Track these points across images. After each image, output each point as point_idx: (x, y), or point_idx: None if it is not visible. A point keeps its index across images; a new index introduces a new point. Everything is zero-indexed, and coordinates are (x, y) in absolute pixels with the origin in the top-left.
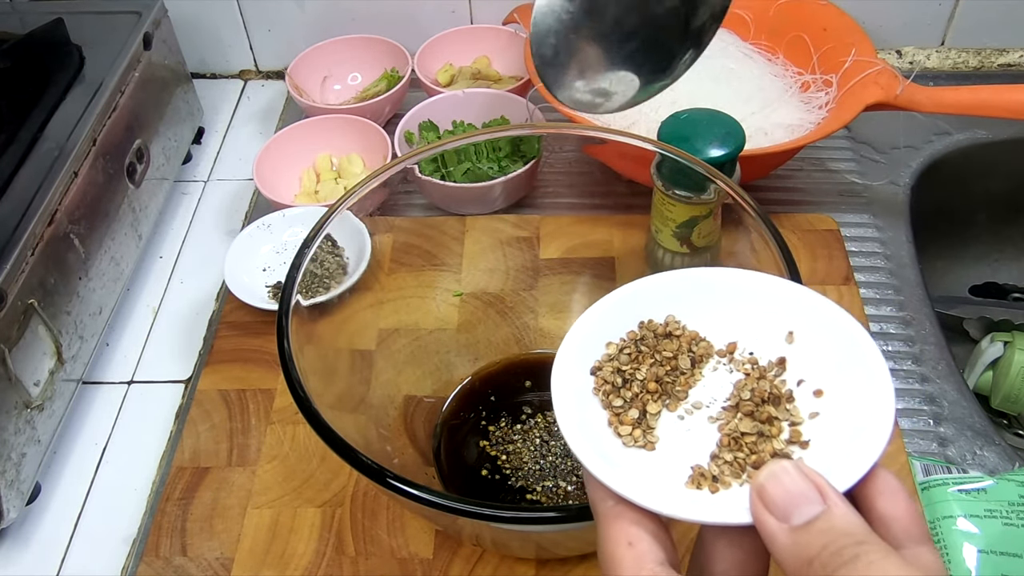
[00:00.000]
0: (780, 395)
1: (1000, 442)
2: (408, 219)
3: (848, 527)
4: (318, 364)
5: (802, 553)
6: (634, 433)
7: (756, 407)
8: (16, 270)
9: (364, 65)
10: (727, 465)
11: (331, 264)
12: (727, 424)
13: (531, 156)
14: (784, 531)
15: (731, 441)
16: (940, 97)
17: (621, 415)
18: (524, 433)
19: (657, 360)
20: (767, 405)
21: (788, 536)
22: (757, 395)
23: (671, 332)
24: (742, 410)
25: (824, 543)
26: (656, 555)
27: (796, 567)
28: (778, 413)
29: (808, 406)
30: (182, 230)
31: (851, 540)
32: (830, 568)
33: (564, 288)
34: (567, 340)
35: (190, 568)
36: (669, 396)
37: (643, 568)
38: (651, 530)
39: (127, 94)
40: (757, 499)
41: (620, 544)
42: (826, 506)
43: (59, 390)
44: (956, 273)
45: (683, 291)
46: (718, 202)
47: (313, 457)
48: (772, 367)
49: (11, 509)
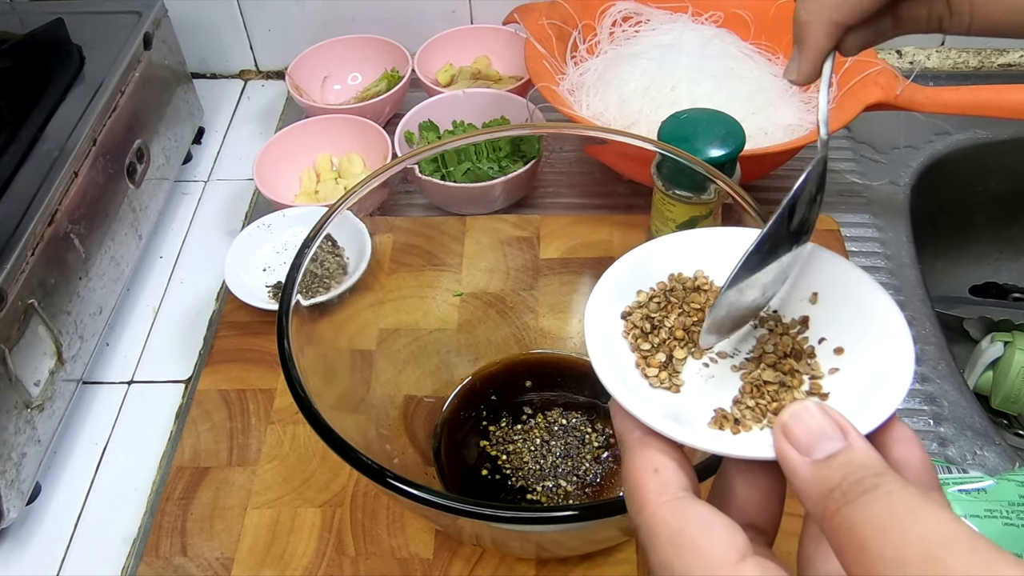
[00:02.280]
0: (802, 350)
1: (1000, 442)
2: (408, 219)
3: (868, 461)
4: (318, 364)
5: (823, 484)
6: (660, 375)
7: (778, 359)
8: (16, 270)
9: (364, 65)
10: (749, 410)
11: (331, 264)
12: (750, 373)
13: (531, 156)
14: (805, 464)
15: (753, 388)
16: (940, 97)
17: (648, 358)
18: (524, 433)
19: (685, 311)
20: (789, 359)
21: (809, 469)
22: (780, 349)
23: (699, 286)
24: (765, 361)
25: (844, 474)
26: (681, 481)
27: (816, 497)
28: (799, 367)
29: (828, 362)
30: (182, 230)
31: (870, 472)
32: (850, 496)
33: (564, 288)
34: (599, 285)
35: (190, 568)
36: (695, 345)
37: (666, 492)
38: (676, 458)
39: (127, 94)
40: (781, 434)
41: (646, 471)
42: (847, 443)
43: (59, 390)
44: (956, 273)
45: (713, 248)
46: (718, 202)
47: (313, 457)
48: (795, 324)
49: (11, 509)
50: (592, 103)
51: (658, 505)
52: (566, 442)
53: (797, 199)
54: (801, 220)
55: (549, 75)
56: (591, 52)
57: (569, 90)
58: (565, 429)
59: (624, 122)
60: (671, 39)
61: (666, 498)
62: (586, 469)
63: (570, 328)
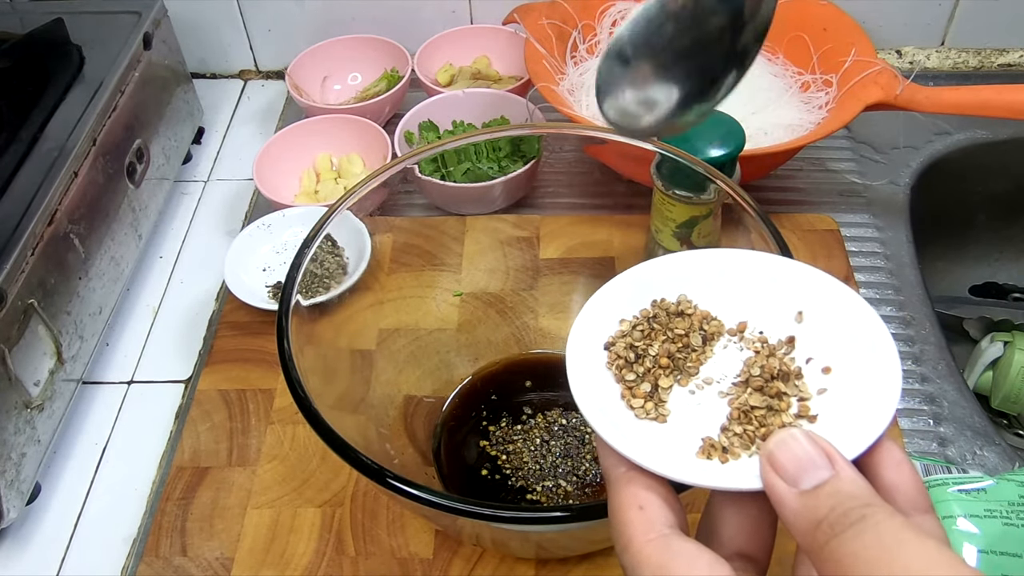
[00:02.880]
0: (789, 372)
1: (1000, 442)
2: (408, 219)
3: (856, 491)
4: (318, 364)
5: (811, 515)
6: (646, 406)
7: (766, 383)
8: (16, 270)
9: (364, 65)
10: (737, 437)
11: (331, 264)
12: (737, 399)
13: (531, 156)
14: (793, 495)
15: (741, 414)
16: (940, 97)
17: (633, 388)
18: (524, 433)
19: (669, 337)
20: (776, 381)
21: (797, 500)
22: (767, 371)
23: (683, 311)
24: (752, 385)
25: (832, 505)
26: (667, 518)
27: (804, 529)
28: (787, 389)
29: (817, 382)
30: (182, 230)
31: (858, 503)
32: (838, 528)
33: (564, 288)
34: (581, 316)
35: (190, 568)
36: (680, 372)
37: (652, 530)
38: (661, 495)
39: (127, 94)
40: (767, 464)
41: (631, 508)
42: (834, 471)
43: (59, 390)
44: (956, 273)
45: (694, 271)
46: (718, 202)
47: (313, 457)
48: (782, 345)
49: (11, 509)
50: (592, 103)
51: (644, 543)
52: (566, 442)
53: None
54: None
55: (549, 75)
56: (591, 52)
57: (569, 90)
58: (565, 429)
59: None
60: None
61: (652, 536)
62: (586, 469)
63: (570, 328)
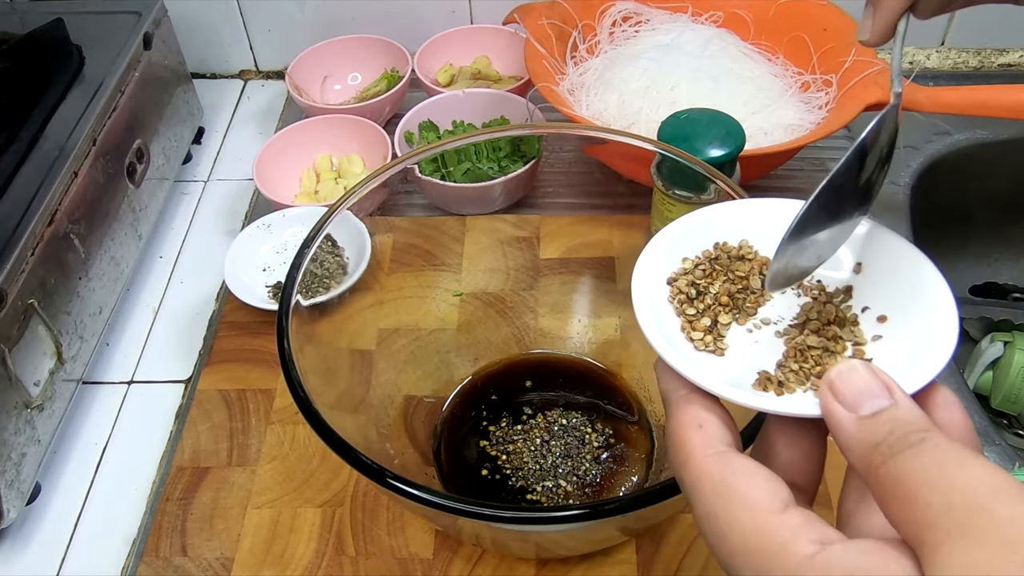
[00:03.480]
0: (845, 318)
1: (1000, 442)
2: (408, 219)
3: (915, 418)
4: (318, 364)
5: (868, 439)
6: (705, 338)
7: (822, 326)
8: (16, 270)
9: (364, 65)
10: (792, 373)
11: (331, 264)
12: (793, 339)
13: (531, 156)
14: (852, 420)
15: (797, 353)
16: (940, 97)
17: (694, 322)
18: (524, 433)
19: (730, 278)
20: (832, 326)
21: (855, 424)
22: (824, 316)
23: (744, 255)
24: (809, 328)
25: (890, 429)
26: (725, 436)
27: (862, 452)
28: (843, 333)
29: (872, 330)
30: (182, 230)
31: (917, 427)
32: (896, 449)
33: (564, 288)
34: (646, 251)
35: (190, 568)
36: (739, 311)
37: (711, 446)
38: (720, 415)
39: (127, 94)
40: (827, 391)
41: (690, 426)
42: (893, 400)
43: (59, 390)
44: (956, 273)
45: (757, 219)
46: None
47: (313, 457)
48: (839, 293)
49: (11, 509)
50: (592, 103)
51: (703, 458)
52: (566, 442)
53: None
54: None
55: (549, 75)
56: (591, 52)
57: (569, 90)
58: (565, 429)
59: (624, 122)
60: (671, 39)
61: (711, 451)
62: (586, 469)
63: (570, 328)
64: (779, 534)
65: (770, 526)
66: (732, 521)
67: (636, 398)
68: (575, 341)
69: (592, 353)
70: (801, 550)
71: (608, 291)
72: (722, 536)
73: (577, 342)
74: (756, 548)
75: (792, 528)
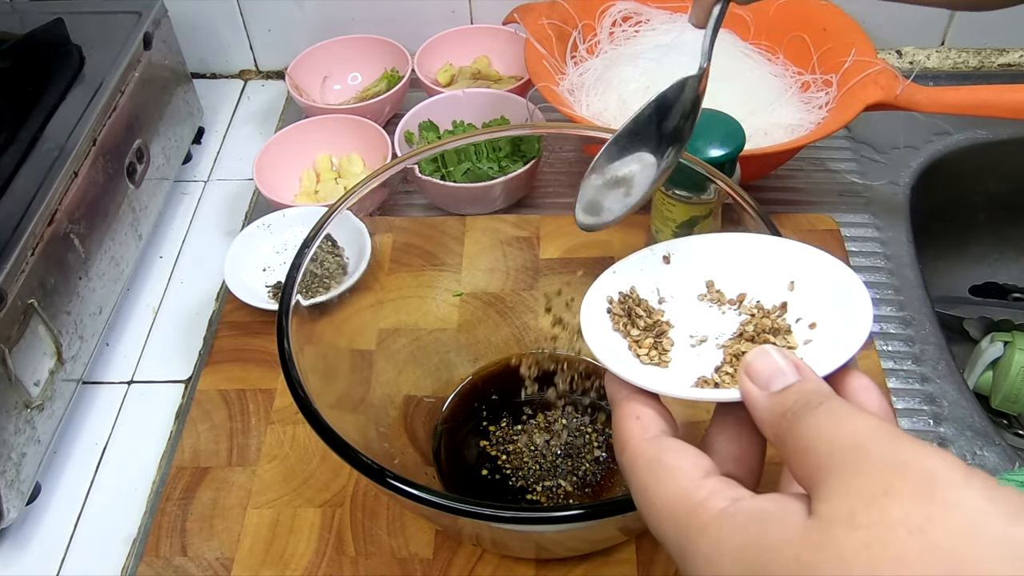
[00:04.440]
0: (779, 328)
1: (1000, 442)
2: (408, 219)
3: (818, 388)
4: (318, 364)
5: (776, 409)
6: (650, 353)
7: (756, 335)
8: (16, 270)
9: (364, 65)
10: (728, 376)
11: (331, 264)
12: (730, 348)
13: (531, 156)
14: (764, 396)
15: (732, 358)
16: (940, 97)
17: (640, 342)
18: (524, 433)
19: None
20: (767, 334)
21: (767, 399)
22: (759, 327)
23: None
24: (744, 338)
25: (795, 399)
26: (660, 426)
27: (772, 421)
28: (776, 340)
29: (804, 336)
30: (182, 230)
31: (818, 396)
32: (800, 415)
33: (564, 288)
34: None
35: (190, 568)
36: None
37: (647, 433)
38: (656, 408)
39: (127, 94)
40: (744, 374)
41: (629, 418)
42: (801, 376)
43: (59, 390)
44: (956, 273)
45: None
46: (718, 202)
47: (313, 457)
48: (775, 309)
49: (11, 509)
50: (592, 103)
51: (639, 442)
52: (566, 442)
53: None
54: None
55: (549, 75)
56: (591, 52)
57: (569, 90)
58: (565, 429)
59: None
60: (671, 39)
61: (647, 436)
62: (586, 469)
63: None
64: (697, 495)
65: (691, 489)
66: (659, 489)
67: None
68: (575, 341)
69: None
70: (715, 504)
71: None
72: (651, 504)
73: (577, 342)
74: (678, 509)
75: (709, 488)
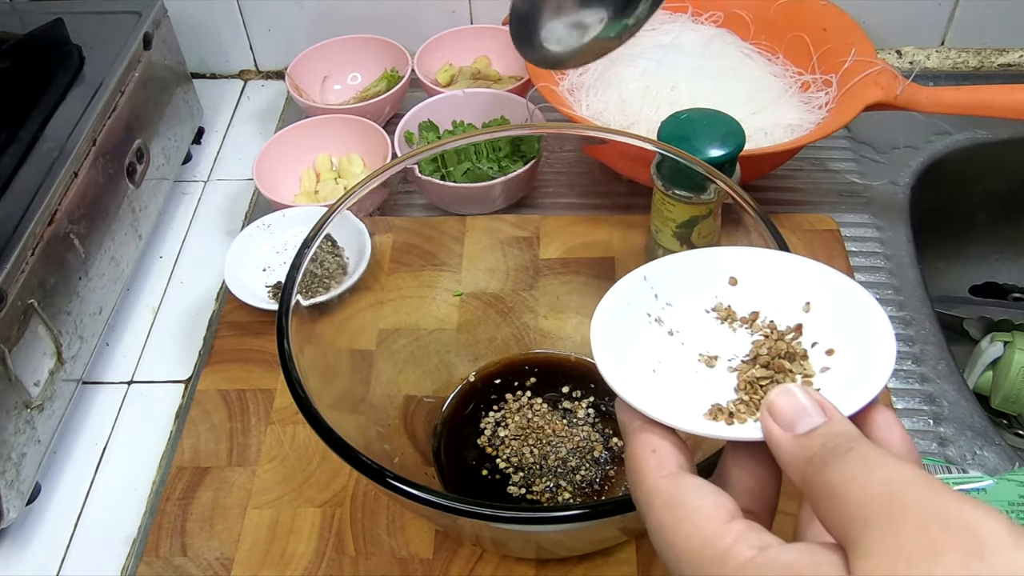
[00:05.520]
0: (795, 352)
1: (1000, 442)
2: (408, 219)
3: (846, 431)
4: (318, 364)
5: (802, 453)
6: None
7: (772, 360)
8: (16, 270)
9: (364, 65)
10: (743, 404)
11: (331, 264)
12: (744, 373)
13: (531, 156)
14: (788, 438)
15: (747, 385)
16: (940, 97)
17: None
18: (525, 433)
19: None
20: (782, 359)
21: (792, 442)
22: (774, 351)
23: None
24: (759, 362)
25: (822, 443)
26: (677, 459)
27: (797, 466)
28: (792, 367)
29: (820, 362)
30: (182, 230)
31: (847, 440)
32: (828, 460)
33: (564, 288)
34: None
35: (190, 568)
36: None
37: (664, 468)
38: (673, 441)
39: (127, 94)
40: (767, 413)
41: (645, 451)
42: (827, 418)
43: (59, 390)
44: (956, 273)
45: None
46: (718, 202)
47: (313, 457)
48: (789, 331)
49: (11, 509)
50: (592, 103)
51: (656, 479)
52: (567, 442)
53: None
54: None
55: (549, 75)
56: None
57: (569, 90)
58: (566, 429)
59: (624, 122)
60: (671, 39)
61: (664, 472)
62: (586, 469)
63: (570, 328)
64: (722, 540)
65: (714, 533)
66: (679, 530)
67: None
68: (575, 341)
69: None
70: (741, 553)
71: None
72: (670, 544)
73: (577, 342)
74: (700, 554)
75: (735, 534)
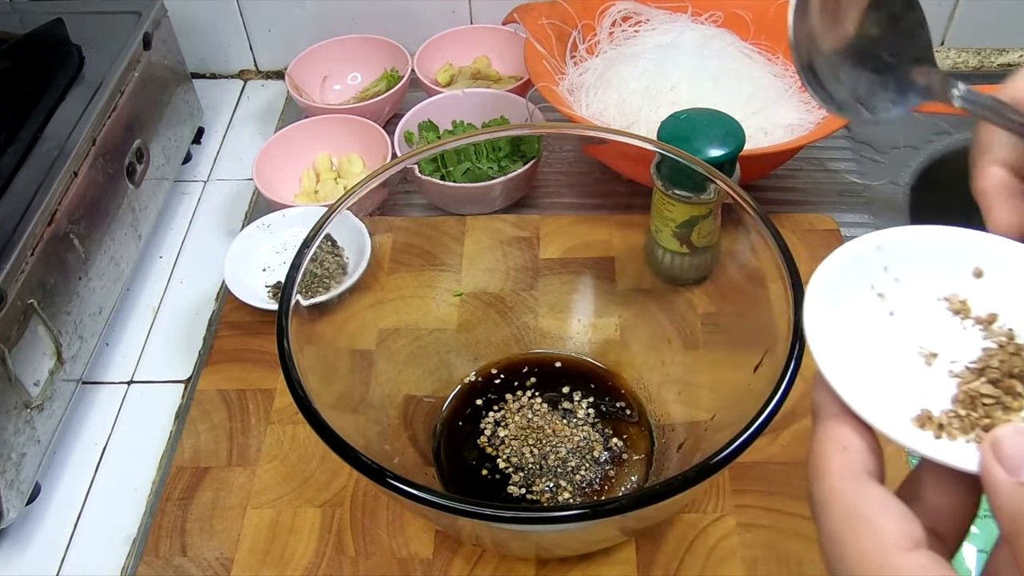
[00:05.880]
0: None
1: None
2: (408, 219)
3: None
4: (318, 364)
5: (1020, 507)
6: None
7: (1002, 377)
8: (16, 270)
9: (364, 65)
10: (957, 419)
11: (331, 264)
12: (967, 383)
13: (531, 156)
14: (1010, 483)
15: (968, 399)
16: None
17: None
18: (525, 433)
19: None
20: (1014, 379)
21: (1013, 488)
22: (1006, 368)
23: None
24: (987, 376)
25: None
26: (867, 464)
27: (1012, 517)
28: (1023, 390)
29: None
30: (182, 230)
31: None
32: None
33: (564, 288)
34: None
35: (190, 568)
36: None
37: (849, 469)
38: (868, 442)
39: (127, 94)
40: (990, 450)
41: (835, 445)
42: None
43: (59, 390)
44: None
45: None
46: (718, 202)
47: (313, 457)
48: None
49: (11, 509)
50: (592, 103)
51: (839, 479)
52: (567, 443)
53: None
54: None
55: (549, 75)
56: (591, 52)
57: (569, 90)
58: (566, 429)
59: (624, 122)
60: (671, 39)
61: (848, 474)
62: (586, 469)
63: (570, 328)
64: (903, 572)
65: (896, 562)
66: (858, 547)
67: (636, 398)
68: (575, 341)
69: (592, 353)
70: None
71: (608, 291)
72: (844, 560)
73: (577, 342)
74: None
75: (918, 568)
